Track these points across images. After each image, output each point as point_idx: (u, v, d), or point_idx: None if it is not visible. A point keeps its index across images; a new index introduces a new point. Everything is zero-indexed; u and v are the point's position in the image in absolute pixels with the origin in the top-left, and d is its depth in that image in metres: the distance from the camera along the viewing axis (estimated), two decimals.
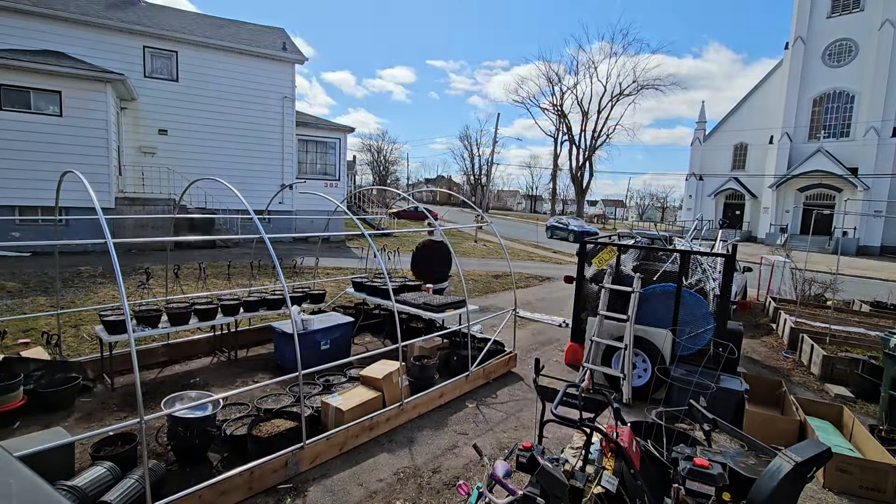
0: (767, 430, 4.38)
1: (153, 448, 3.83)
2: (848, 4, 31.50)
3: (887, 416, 4.89)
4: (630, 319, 5.37)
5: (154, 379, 5.32)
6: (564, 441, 4.32)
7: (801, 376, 6.67)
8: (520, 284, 12.42)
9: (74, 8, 14.68)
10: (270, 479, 3.47)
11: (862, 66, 30.78)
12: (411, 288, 7.19)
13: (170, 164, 15.85)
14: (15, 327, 6.46)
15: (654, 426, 3.22)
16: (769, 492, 2.29)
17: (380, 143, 68.28)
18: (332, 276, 11.16)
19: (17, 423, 4.13)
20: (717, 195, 38.95)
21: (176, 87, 16.08)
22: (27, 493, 0.96)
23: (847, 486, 3.83)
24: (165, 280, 6.79)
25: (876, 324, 8.96)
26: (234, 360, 6.04)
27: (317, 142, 19.70)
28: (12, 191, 12.32)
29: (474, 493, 2.35)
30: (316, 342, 5.74)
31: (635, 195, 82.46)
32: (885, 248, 29.62)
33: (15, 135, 12.18)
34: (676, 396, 4.52)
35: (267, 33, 19.69)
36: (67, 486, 2.86)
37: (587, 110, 48.62)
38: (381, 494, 3.51)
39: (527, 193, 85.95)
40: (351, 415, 4.14)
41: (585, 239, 6.64)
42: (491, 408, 5.10)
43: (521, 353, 6.65)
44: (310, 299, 6.99)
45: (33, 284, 9.09)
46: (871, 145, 30.00)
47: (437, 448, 4.20)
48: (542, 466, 2.25)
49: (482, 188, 59.16)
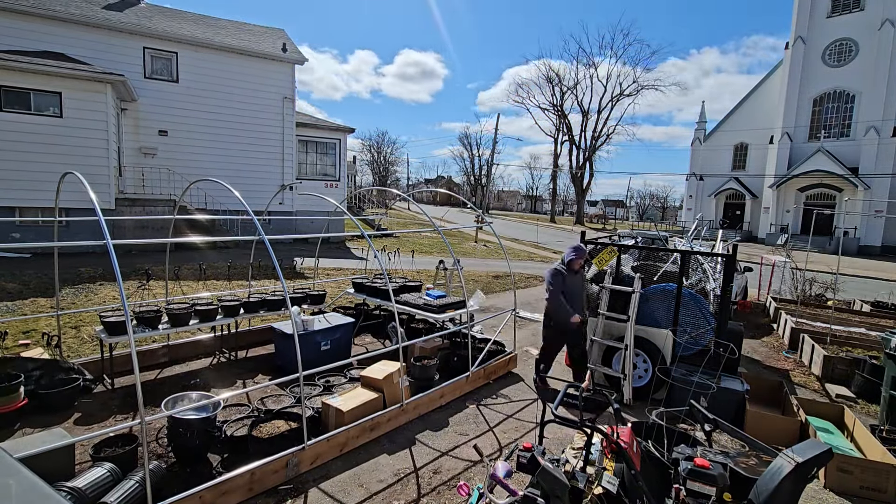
0: (768, 431, 4.37)
1: (153, 449, 3.83)
2: (848, 4, 31.50)
3: (888, 417, 4.88)
4: (630, 319, 5.36)
5: (154, 380, 5.32)
6: (565, 441, 4.31)
7: (801, 376, 6.66)
8: (520, 285, 12.41)
9: (74, 9, 14.69)
10: (271, 480, 3.47)
11: (862, 65, 30.77)
12: (411, 289, 7.19)
13: (170, 165, 15.85)
14: (15, 328, 6.46)
15: (655, 426, 3.21)
16: (770, 492, 2.29)
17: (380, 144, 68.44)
18: (333, 276, 11.16)
19: (17, 424, 4.13)
20: (718, 195, 38.95)
21: (176, 87, 16.08)
22: (27, 494, 0.96)
23: (848, 486, 3.82)
24: (165, 281, 6.79)
25: (877, 324, 8.96)
26: (235, 361, 6.04)
27: (317, 142, 19.70)
28: (12, 192, 12.32)
29: (475, 493, 2.35)
30: (316, 343, 5.74)
31: (635, 195, 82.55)
32: (885, 248, 29.61)
33: (15, 136, 12.18)
34: (677, 397, 4.51)
35: (267, 34, 19.70)
36: (67, 488, 2.86)
37: (587, 110, 48.69)
38: (381, 495, 3.51)
39: (527, 194, 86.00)
40: (351, 415, 4.13)
41: (585, 239, 6.63)
42: (491, 408, 5.09)
43: (521, 353, 6.64)
44: (310, 300, 7.00)
45: (33, 285, 9.09)
46: (872, 145, 29.99)
47: (438, 449, 4.20)
48: (542, 467, 2.25)
49: (482, 188, 59.17)
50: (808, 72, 32.75)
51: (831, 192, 31.53)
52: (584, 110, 48.81)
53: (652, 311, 5.60)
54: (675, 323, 5.37)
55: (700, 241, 10.37)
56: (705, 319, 5.40)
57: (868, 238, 30.00)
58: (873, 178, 29.76)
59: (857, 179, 29.94)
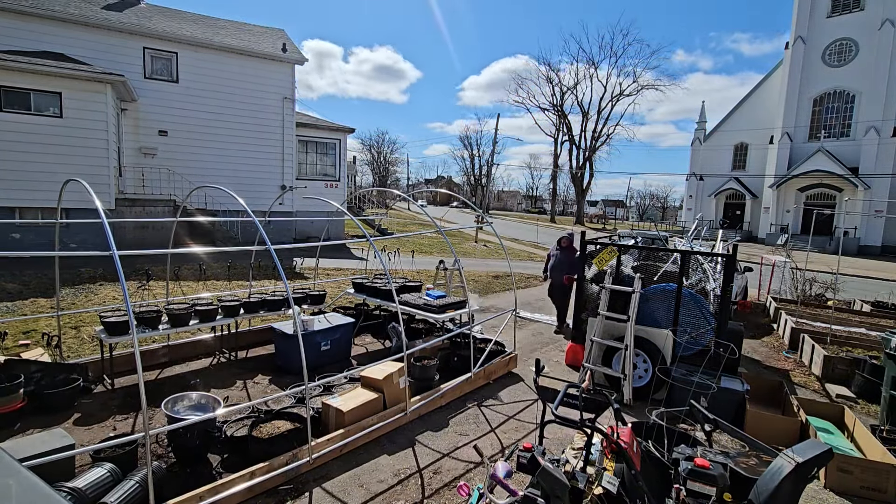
0: (768, 431, 4.37)
1: (153, 449, 3.83)
2: (848, 4, 31.51)
3: (888, 417, 4.88)
4: (630, 320, 5.36)
5: (154, 380, 5.31)
6: (565, 442, 4.31)
7: (801, 376, 6.66)
8: (520, 285, 12.41)
9: (74, 9, 14.69)
10: (271, 480, 3.47)
11: (862, 65, 30.78)
12: (411, 289, 7.19)
13: (170, 166, 15.85)
14: (15, 329, 6.46)
15: (655, 427, 3.21)
16: (770, 492, 2.29)
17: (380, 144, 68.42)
18: (333, 276, 11.16)
19: (17, 425, 4.13)
20: (718, 195, 38.96)
21: (176, 88, 16.08)
22: (28, 495, 0.96)
23: (848, 486, 3.82)
24: (166, 281, 6.79)
25: (877, 324, 8.96)
26: (235, 361, 6.03)
27: (317, 143, 19.70)
28: (12, 192, 12.32)
29: (475, 493, 2.35)
30: (316, 343, 5.74)
31: (635, 195, 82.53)
32: (885, 248, 29.61)
33: (15, 136, 12.18)
34: (677, 397, 4.51)
35: (267, 34, 19.69)
36: (67, 488, 2.86)
37: (587, 111, 48.70)
38: (382, 495, 3.51)
39: (527, 194, 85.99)
40: (352, 415, 4.13)
41: (585, 239, 6.64)
42: (492, 408, 5.09)
43: (521, 353, 6.64)
44: (310, 300, 7.00)
45: (33, 286, 9.09)
46: (872, 145, 29.99)
47: (438, 449, 4.20)
48: (542, 467, 2.25)
49: (482, 188, 59.16)
50: (808, 72, 32.75)
51: (831, 192, 31.53)
52: (584, 110, 48.88)
53: (652, 311, 5.60)
54: (675, 323, 5.37)
55: (700, 241, 10.37)
56: (705, 319, 5.40)
57: (868, 238, 30.00)
58: (873, 178, 29.76)
59: (857, 179, 29.94)
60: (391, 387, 4.55)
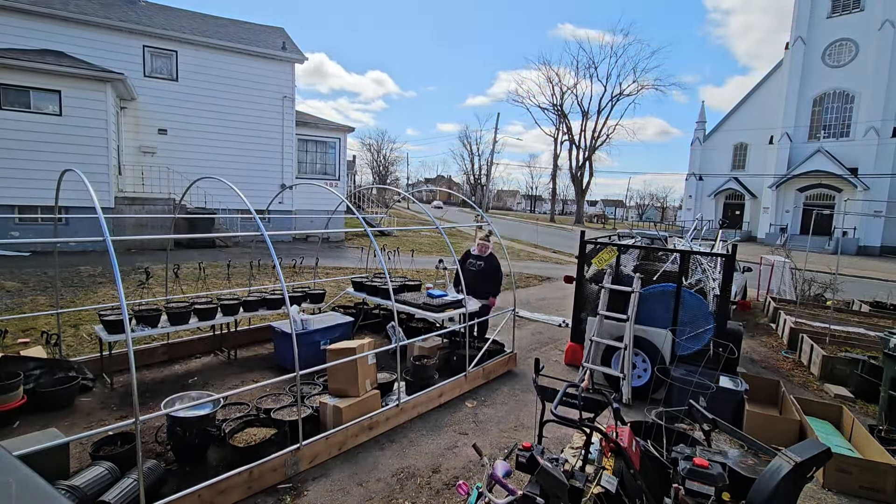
0: (767, 430, 4.38)
1: (153, 447, 3.83)
2: (848, 4, 31.51)
3: (887, 417, 4.89)
4: (630, 319, 5.36)
5: (154, 378, 5.32)
6: (564, 441, 4.31)
7: (800, 376, 6.67)
8: (520, 284, 12.41)
9: (74, 7, 14.67)
10: (270, 479, 3.47)
11: (862, 66, 30.79)
12: (411, 288, 7.19)
13: (169, 164, 15.85)
14: (14, 327, 6.45)
15: (654, 426, 3.22)
16: (769, 492, 2.29)
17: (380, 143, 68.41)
18: (332, 275, 11.16)
19: (16, 423, 4.12)
20: (717, 195, 38.97)
21: (176, 86, 16.07)
22: (28, 493, 0.96)
23: (847, 486, 3.83)
24: (165, 280, 6.78)
25: (876, 324, 8.97)
26: (234, 360, 6.03)
27: (317, 141, 19.69)
28: (12, 190, 12.31)
29: (474, 492, 2.35)
30: (315, 342, 5.74)
31: (635, 195, 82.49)
32: (885, 248, 29.64)
33: (14, 134, 12.17)
34: (676, 396, 4.52)
35: (267, 33, 19.68)
36: (66, 486, 2.86)
37: (587, 110, 48.67)
38: (380, 494, 3.51)
39: (527, 193, 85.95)
40: (350, 413, 4.13)
41: (585, 239, 6.64)
42: (490, 407, 5.09)
43: (520, 352, 6.65)
44: (309, 299, 6.99)
45: (33, 284, 9.08)
46: (871, 145, 30.01)
47: (437, 448, 4.20)
48: (541, 466, 2.25)
49: (482, 188, 59.15)
50: (808, 72, 32.76)
51: (831, 193, 31.55)
52: (583, 110, 48.84)
53: (651, 310, 5.60)
54: (674, 323, 5.37)
55: (700, 241, 10.37)
56: (705, 319, 5.41)
57: (867, 238, 30.02)
58: (873, 178, 29.78)
59: (857, 180, 29.96)
60: (364, 365, 4.39)
